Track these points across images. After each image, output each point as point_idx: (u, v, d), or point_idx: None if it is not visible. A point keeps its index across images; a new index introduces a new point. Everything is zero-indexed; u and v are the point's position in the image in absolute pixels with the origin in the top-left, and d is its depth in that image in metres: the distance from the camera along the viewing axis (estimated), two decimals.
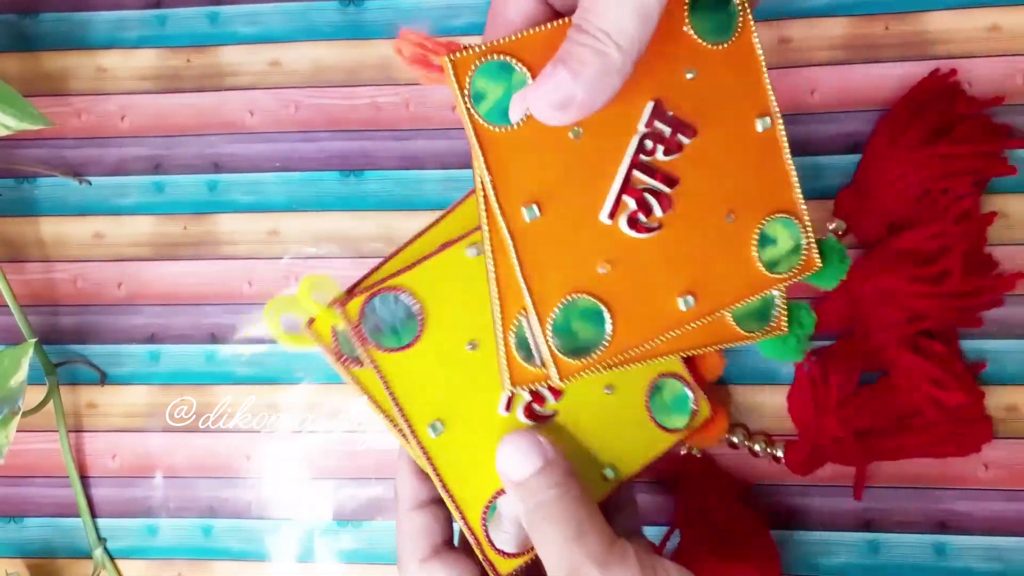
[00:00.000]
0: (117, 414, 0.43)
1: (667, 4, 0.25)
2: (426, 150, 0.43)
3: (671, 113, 0.30)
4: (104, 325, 0.44)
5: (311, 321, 0.31)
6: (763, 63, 0.31)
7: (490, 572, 0.30)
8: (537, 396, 0.32)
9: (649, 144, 0.30)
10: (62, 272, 0.44)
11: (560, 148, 0.29)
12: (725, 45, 0.30)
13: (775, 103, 0.31)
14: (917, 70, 0.41)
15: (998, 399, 0.39)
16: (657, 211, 0.30)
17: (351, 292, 0.31)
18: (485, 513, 0.31)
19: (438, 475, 0.31)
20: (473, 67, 0.28)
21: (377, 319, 0.31)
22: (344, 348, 0.31)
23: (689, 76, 0.30)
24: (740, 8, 0.31)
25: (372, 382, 0.31)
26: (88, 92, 0.45)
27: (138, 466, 0.43)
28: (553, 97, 0.25)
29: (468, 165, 0.42)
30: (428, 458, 0.31)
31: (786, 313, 0.33)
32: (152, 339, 0.43)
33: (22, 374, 0.38)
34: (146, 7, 0.44)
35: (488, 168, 0.29)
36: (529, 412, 0.32)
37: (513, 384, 0.30)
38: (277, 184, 0.43)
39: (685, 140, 0.30)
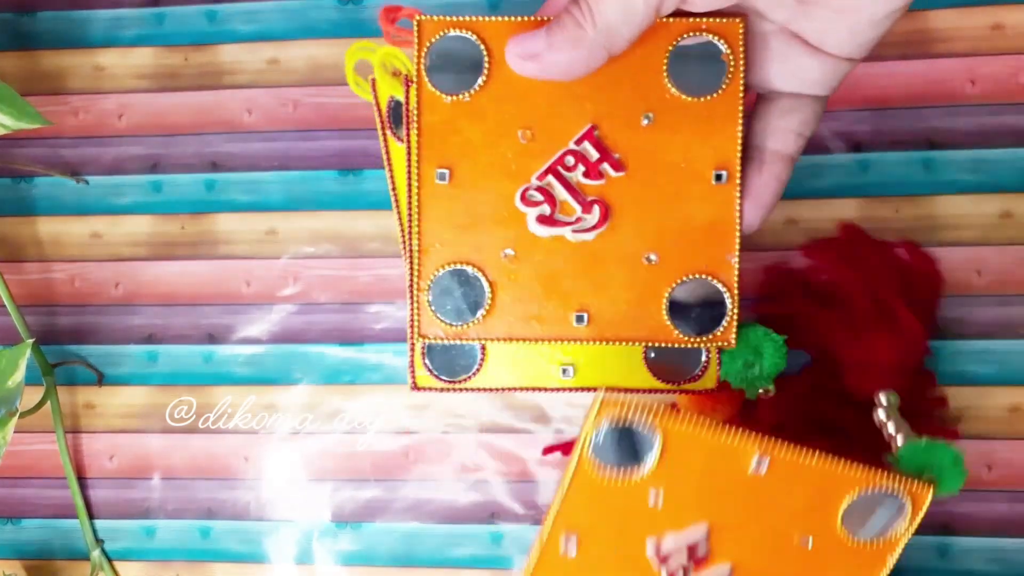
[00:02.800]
0: (115, 415, 0.43)
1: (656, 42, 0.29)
2: None
3: (603, 141, 0.31)
4: (102, 325, 0.43)
5: (373, 82, 0.35)
6: (740, 123, 0.31)
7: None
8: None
9: (570, 160, 0.31)
10: (59, 272, 0.44)
11: (499, 133, 0.32)
12: (704, 99, 0.31)
13: (738, 162, 0.31)
14: (919, 68, 0.40)
15: (999, 399, 0.39)
16: (579, 215, 0.32)
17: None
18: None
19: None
20: (439, 35, 0.31)
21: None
22: (392, 120, 0.35)
23: (644, 122, 0.31)
24: (730, 65, 0.31)
25: (401, 162, 0.34)
26: (85, 91, 0.44)
27: (136, 467, 0.43)
28: (525, 46, 0.29)
29: None
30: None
31: (734, 327, 0.32)
32: (150, 339, 0.43)
33: (19, 374, 0.38)
34: (144, 5, 0.44)
35: (419, 128, 0.31)
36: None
37: (420, 336, 0.33)
38: (275, 183, 0.43)
39: (610, 171, 0.31)
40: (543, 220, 0.32)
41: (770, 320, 0.35)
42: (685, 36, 0.31)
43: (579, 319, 0.32)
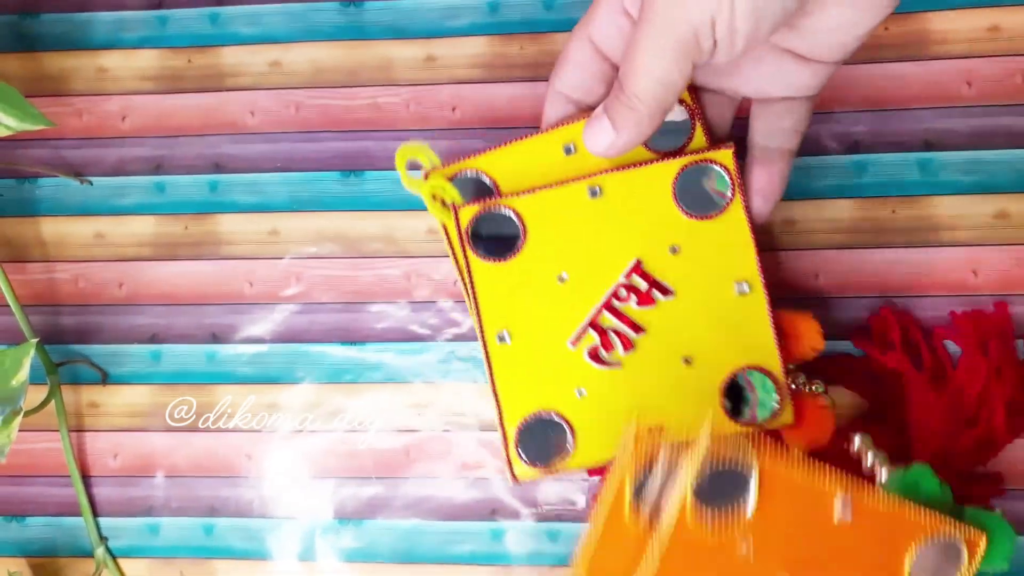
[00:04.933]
0: (118, 414, 0.43)
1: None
2: None
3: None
4: (105, 325, 0.44)
5: (455, 208, 0.37)
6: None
7: (507, 471, 0.36)
8: (606, 340, 0.35)
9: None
10: (63, 272, 0.44)
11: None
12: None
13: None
14: (916, 70, 0.41)
15: None
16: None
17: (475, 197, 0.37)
18: (520, 425, 0.36)
19: (492, 377, 0.36)
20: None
21: (484, 230, 0.36)
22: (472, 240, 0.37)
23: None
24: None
25: (489, 279, 0.36)
26: (89, 92, 0.45)
27: (139, 465, 0.43)
28: (601, 141, 0.33)
29: None
30: (487, 360, 0.36)
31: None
32: (153, 339, 0.43)
33: (24, 374, 0.39)
34: (147, 8, 0.45)
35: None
36: (594, 355, 0.35)
37: (515, 481, 0.36)
38: (278, 184, 0.43)
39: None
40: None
41: (847, 365, 0.38)
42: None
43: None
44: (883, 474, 0.32)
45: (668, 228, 0.35)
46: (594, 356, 0.35)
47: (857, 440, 0.34)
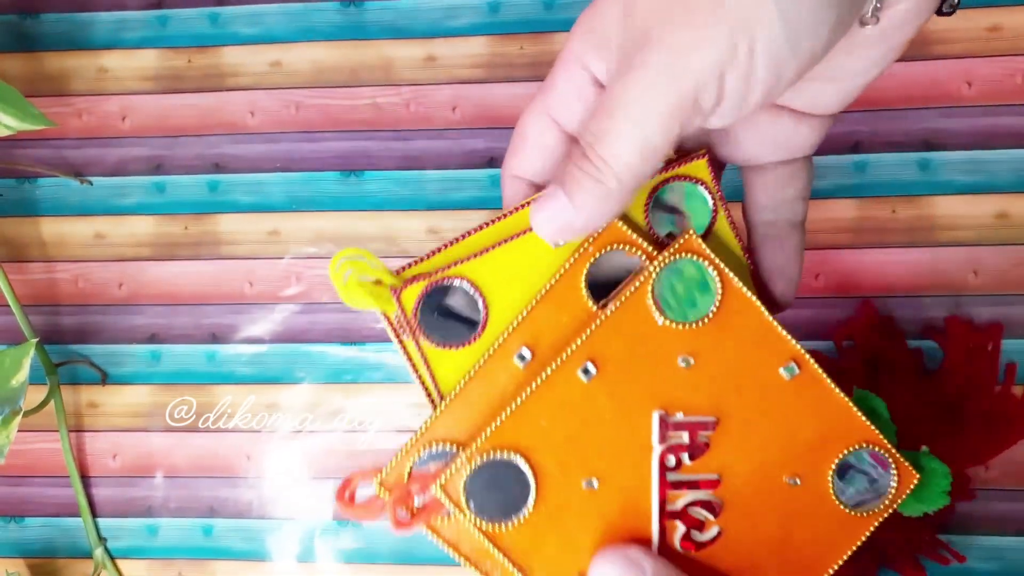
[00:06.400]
0: (118, 414, 0.43)
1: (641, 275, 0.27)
2: (426, 150, 0.43)
3: (681, 416, 0.27)
4: (105, 325, 0.44)
5: (396, 290, 0.28)
6: (763, 310, 0.28)
7: None
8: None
9: (672, 459, 0.27)
10: (63, 272, 0.44)
11: (578, 507, 0.27)
12: (711, 315, 0.27)
13: (795, 344, 0.28)
14: (918, 69, 0.41)
15: None
16: (709, 517, 0.27)
17: (407, 279, 0.28)
18: None
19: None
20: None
21: (434, 311, 0.28)
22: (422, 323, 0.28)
23: (684, 366, 0.27)
24: (711, 267, 0.27)
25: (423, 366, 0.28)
26: (89, 92, 0.45)
27: (139, 466, 0.43)
28: (554, 223, 0.26)
29: (468, 165, 0.42)
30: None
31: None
32: (153, 339, 0.43)
33: (23, 374, 0.38)
34: (147, 8, 0.45)
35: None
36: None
37: None
38: (278, 184, 0.43)
39: (709, 434, 0.27)
40: (692, 545, 0.27)
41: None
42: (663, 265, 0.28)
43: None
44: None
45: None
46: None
47: None
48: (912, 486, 0.28)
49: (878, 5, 0.24)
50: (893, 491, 0.28)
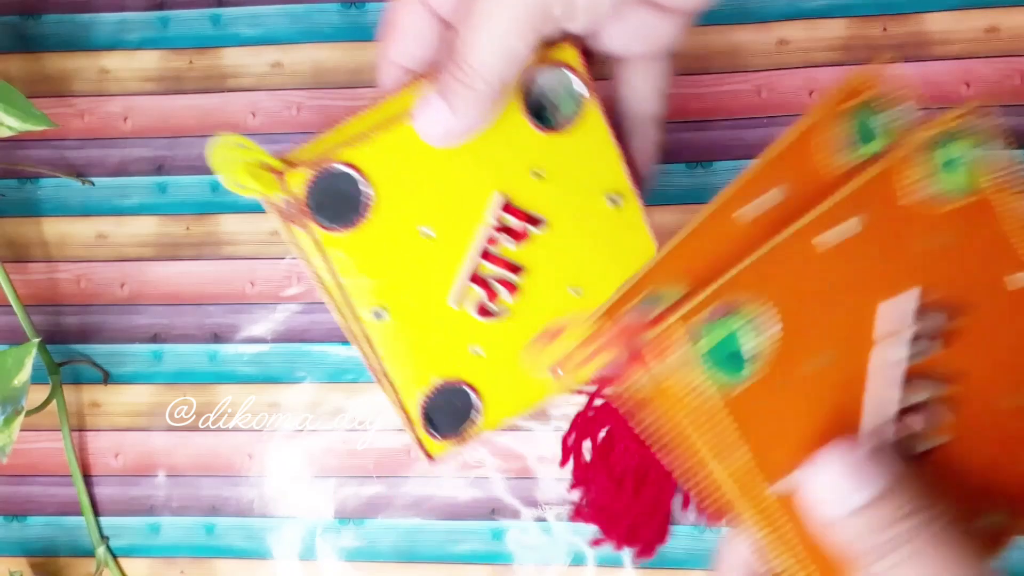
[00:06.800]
0: (120, 413, 0.44)
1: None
2: None
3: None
4: (107, 325, 0.44)
5: (281, 174, 0.30)
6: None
7: (420, 452, 0.33)
8: (490, 290, 0.32)
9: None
10: (65, 272, 0.44)
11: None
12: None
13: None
14: (917, 70, 0.41)
15: None
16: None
17: (289, 163, 0.29)
18: (423, 402, 0.33)
19: (377, 357, 0.32)
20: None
21: (322, 196, 0.30)
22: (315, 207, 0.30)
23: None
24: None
25: (315, 252, 0.31)
26: (91, 93, 0.45)
27: (141, 465, 0.43)
28: (437, 128, 0.29)
29: None
30: (368, 341, 0.32)
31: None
32: (155, 339, 0.44)
33: (25, 373, 0.39)
34: (148, 9, 0.45)
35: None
36: (482, 309, 0.32)
37: (431, 460, 0.34)
38: None
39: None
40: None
41: None
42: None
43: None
44: None
45: (526, 152, 0.31)
46: (482, 311, 0.32)
47: None
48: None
49: None
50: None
